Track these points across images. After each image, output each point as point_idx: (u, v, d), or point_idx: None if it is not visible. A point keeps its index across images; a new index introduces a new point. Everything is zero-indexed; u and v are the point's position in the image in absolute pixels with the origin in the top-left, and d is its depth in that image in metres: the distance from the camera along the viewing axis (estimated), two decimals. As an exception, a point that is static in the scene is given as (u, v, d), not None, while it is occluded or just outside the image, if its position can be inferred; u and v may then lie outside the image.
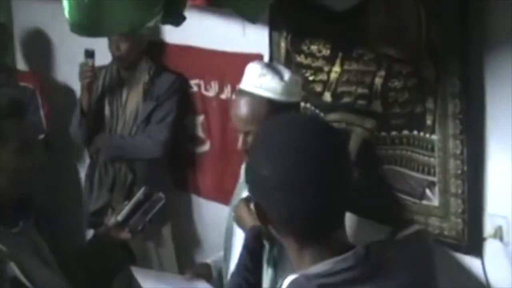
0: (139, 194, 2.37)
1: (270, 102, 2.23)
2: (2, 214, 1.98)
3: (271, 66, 2.37)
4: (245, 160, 2.30)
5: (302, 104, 2.76)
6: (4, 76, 4.12)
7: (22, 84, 4.10)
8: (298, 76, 2.41)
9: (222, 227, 2.59)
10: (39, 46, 4.58)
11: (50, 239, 2.16)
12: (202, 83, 3.66)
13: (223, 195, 3.48)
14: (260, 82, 2.25)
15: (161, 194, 2.39)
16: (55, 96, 4.29)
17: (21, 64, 4.54)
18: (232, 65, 3.40)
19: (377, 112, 2.77)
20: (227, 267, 2.42)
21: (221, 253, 2.53)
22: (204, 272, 2.50)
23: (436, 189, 2.63)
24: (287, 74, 2.29)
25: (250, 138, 2.26)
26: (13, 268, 1.90)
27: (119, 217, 2.33)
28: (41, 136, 3.89)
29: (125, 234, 2.34)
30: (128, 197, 3.38)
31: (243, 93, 2.30)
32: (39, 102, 4.08)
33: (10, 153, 1.95)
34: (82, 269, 2.22)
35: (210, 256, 2.75)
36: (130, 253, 2.42)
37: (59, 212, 3.92)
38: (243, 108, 2.28)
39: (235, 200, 2.47)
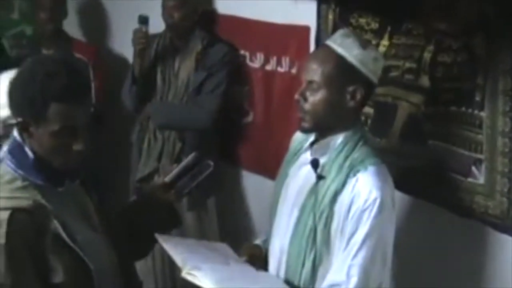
0: (189, 158, 2.27)
1: (341, 60, 2.14)
2: (48, 173, 1.92)
3: (360, 37, 2.36)
4: (299, 114, 2.21)
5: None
6: (61, 45, 4.00)
7: (77, 55, 3.97)
8: (381, 57, 2.28)
9: (265, 201, 2.45)
10: (95, 14, 4.46)
11: (97, 201, 2.10)
12: (247, 54, 3.53)
13: (264, 168, 3.44)
14: (341, 40, 2.18)
15: (210, 162, 2.27)
16: (110, 65, 4.17)
17: (77, 34, 4.40)
18: (278, 36, 3.29)
19: (425, 87, 2.64)
20: (269, 244, 2.34)
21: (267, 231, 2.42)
22: (257, 253, 2.36)
23: (483, 166, 2.49)
24: (370, 48, 2.23)
25: (309, 90, 2.16)
26: (56, 225, 1.86)
27: (167, 178, 2.24)
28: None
29: (170, 196, 2.23)
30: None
31: (321, 46, 2.28)
32: (91, 76, 3.93)
33: (47, 134, 1.87)
34: (126, 228, 2.16)
35: (256, 231, 2.63)
36: (175, 215, 2.29)
37: (107, 179, 3.86)
38: (315, 58, 2.22)
39: (282, 174, 2.34)
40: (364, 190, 2.07)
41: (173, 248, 2.15)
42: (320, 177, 2.13)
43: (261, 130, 3.51)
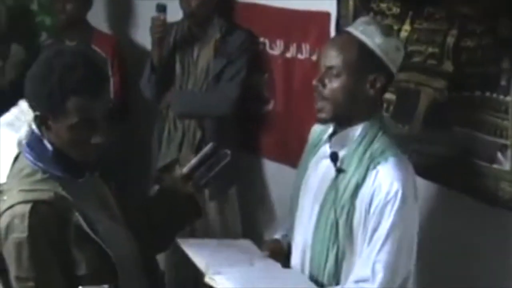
0: (206, 149, 2.26)
1: (363, 47, 2.08)
2: (68, 164, 1.90)
3: (382, 25, 2.29)
4: (316, 104, 2.13)
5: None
6: (83, 36, 3.97)
7: (96, 49, 3.92)
8: (402, 46, 2.22)
9: (286, 189, 2.41)
10: (119, 3, 4.41)
11: (117, 192, 2.10)
12: (267, 41, 3.47)
13: (285, 156, 3.39)
14: (363, 27, 2.12)
15: (227, 151, 2.24)
16: (132, 55, 4.13)
17: (102, 24, 4.37)
18: (298, 23, 3.23)
19: (448, 72, 2.58)
20: (291, 238, 2.30)
21: (287, 225, 2.39)
22: (277, 248, 2.33)
23: (508, 152, 2.42)
24: (392, 36, 2.19)
25: (328, 77, 2.09)
26: (78, 217, 1.85)
27: (185, 170, 2.22)
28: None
29: (189, 187, 2.21)
30: (197, 154, 3.33)
31: (342, 32, 2.21)
32: (110, 71, 3.89)
33: (66, 127, 1.85)
34: (147, 221, 2.15)
35: (277, 220, 2.60)
36: (196, 207, 2.26)
37: (128, 169, 3.84)
38: (335, 44, 2.15)
39: (302, 167, 2.29)
40: (385, 183, 2.02)
41: (195, 252, 2.13)
42: (339, 171, 2.08)
43: (282, 118, 3.46)
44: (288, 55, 3.36)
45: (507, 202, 2.43)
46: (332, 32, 3.02)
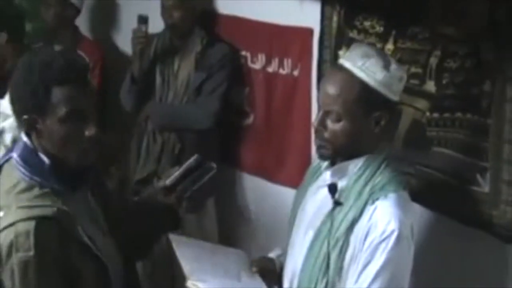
0: (191, 161, 2.20)
1: (364, 86, 1.95)
2: (65, 175, 1.85)
3: (380, 52, 2.11)
4: (316, 141, 2.04)
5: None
6: (70, 41, 3.93)
7: (81, 53, 3.88)
8: (404, 73, 2.08)
9: (263, 202, 2.38)
10: (105, 11, 4.38)
11: (103, 206, 2.05)
12: (249, 55, 3.44)
13: (263, 170, 3.39)
14: (362, 61, 1.96)
15: (213, 164, 2.20)
16: (114, 64, 4.08)
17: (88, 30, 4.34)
18: (280, 38, 3.21)
19: (430, 92, 2.57)
20: (284, 262, 2.23)
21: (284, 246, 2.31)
22: (268, 267, 2.26)
23: (488, 175, 2.41)
24: (394, 66, 2.00)
25: (329, 120, 1.99)
26: (80, 232, 1.82)
27: (168, 181, 2.16)
28: None
29: (171, 199, 2.16)
30: (175, 166, 3.31)
31: (339, 67, 2.01)
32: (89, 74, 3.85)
33: (56, 123, 1.80)
34: (126, 230, 2.10)
35: (255, 234, 2.57)
36: (176, 218, 2.21)
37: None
38: (333, 83, 1.98)
39: (301, 193, 2.21)
40: (382, 221, 1.93)
41: (184, 253, 2.09)
42: (337, 203, 1.99)
43: (261, 132, 3.43)
44: (270, 69, 3.33)
45: (485, 224, 2.42)
46: (315, 48, 3.01)
